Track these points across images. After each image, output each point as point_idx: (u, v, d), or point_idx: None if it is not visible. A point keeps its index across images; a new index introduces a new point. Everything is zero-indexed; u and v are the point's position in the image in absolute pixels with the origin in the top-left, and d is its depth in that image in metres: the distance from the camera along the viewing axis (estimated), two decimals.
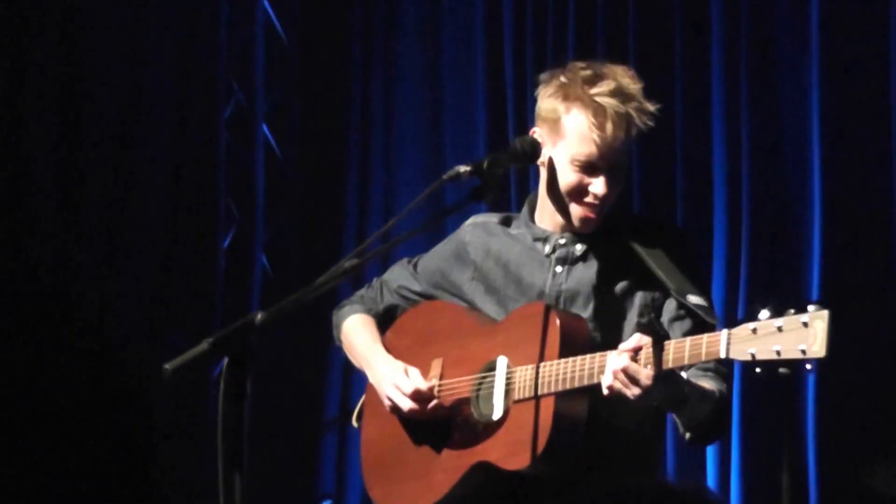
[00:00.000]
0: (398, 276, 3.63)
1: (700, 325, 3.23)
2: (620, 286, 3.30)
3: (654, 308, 3.29)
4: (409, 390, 3.38)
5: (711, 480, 5.04)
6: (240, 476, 2.66)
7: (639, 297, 3.30)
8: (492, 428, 3.28)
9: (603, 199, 3.25)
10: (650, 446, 3.40)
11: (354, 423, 3.68)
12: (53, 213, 6.01)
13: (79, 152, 6.11)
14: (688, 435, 3.20)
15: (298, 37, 6.73)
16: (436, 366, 3.44)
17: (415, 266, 3.61)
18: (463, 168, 2.95)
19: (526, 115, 5.94)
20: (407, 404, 3.38)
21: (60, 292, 5.90)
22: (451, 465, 3.36)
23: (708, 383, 3.22)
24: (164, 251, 6.25)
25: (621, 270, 3.31)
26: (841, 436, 4.83)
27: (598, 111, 3.17)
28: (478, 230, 3.50)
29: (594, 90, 3.17)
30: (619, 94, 3.17)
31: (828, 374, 4.82)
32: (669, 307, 3.29)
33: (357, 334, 3.60)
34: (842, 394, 4.86)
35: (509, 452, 3.22)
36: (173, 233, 6.29)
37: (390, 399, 3.42)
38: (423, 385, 3.38)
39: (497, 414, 3.27)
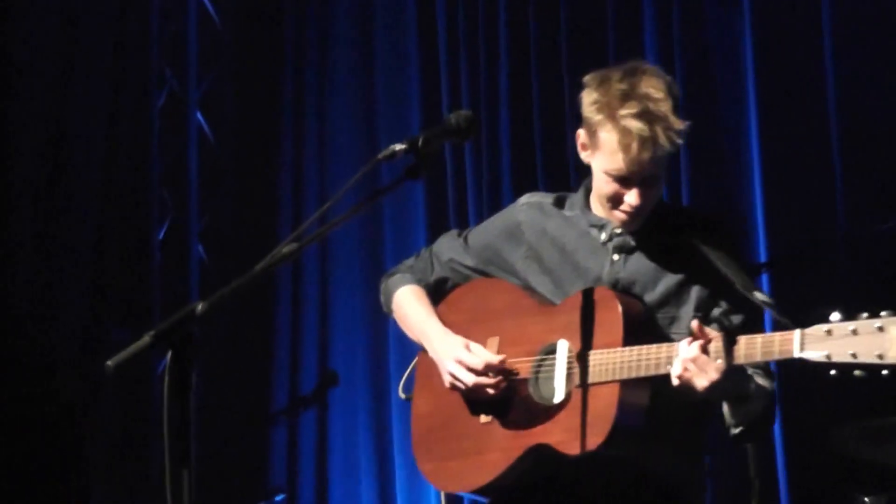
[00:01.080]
0: (449, 248, 3.63)
1: (752, 322, 3.27)
2: (677, 278, 3.32)
3: (711, 302, 3.30)
4: (479, 365, 3.37)
5: None
6: (188, 471, 2.65)
7: (695, 291, 3.31)
8: (552, 411, 3.29)
9: (637, 209, 3.28)
10: (696, 434, 3.42)
11: (402, 395, 3.68)
12: None
13: (7, 144, 6.01)
14: (738, 430, 3.23)
15: (232, 22, 6.69)
16: (492, 344, 3.45)
17: (465, 239, 3.62)
18: (398, 146, 2.88)
19: (460, 94, 5.99)
20: (471, 379, 3.38)
21: None
22: (507, 445, 3.36)
23: (762, 380, 3.26)
24: (98, 245, 6.18)
25: (677, 263, 3.33)
26: (803, 399, 4.91)
27: (625, 133, 3.18)
28: (533, 210, 3.51)
29: (623, 111, 3.18)
30: (646, 115, 3.17)
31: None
32: (723, 302, 3.30)
33: (411, 306, 3.60)
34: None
35: (571, 437, 3.22)
36: (107, 226, 6.21)
37: (452, 375, 3.41)
38: (494, 359, 3.38)
39: (559, 397, 3.29)
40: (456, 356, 3.40)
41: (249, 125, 6.65)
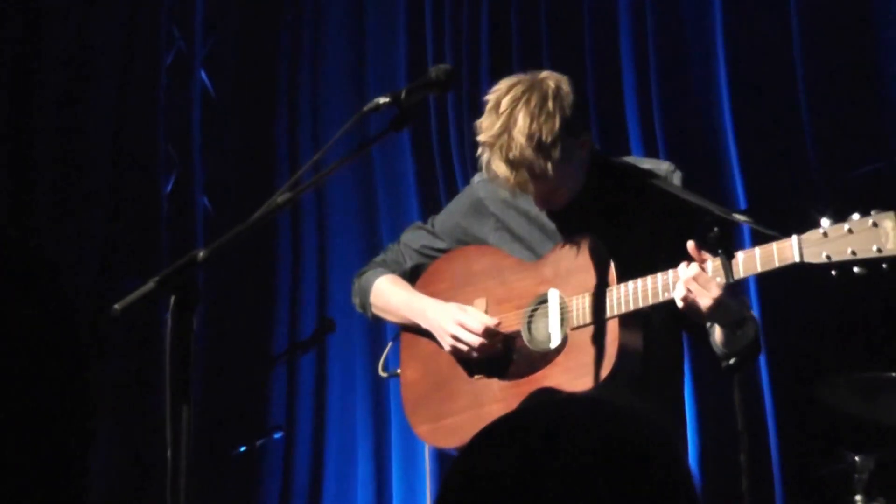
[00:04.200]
0: (417, 237, 3.71)
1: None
2: (647, 219, 3.36)
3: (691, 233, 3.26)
4: (479, 328, 3.44)
5: None
6: (188, 409, 2.68)
7: (672, 226, 3.33)
8: (550, 356, 3.34)
9: (546, 203, 3.38)
10: (676, 384, 3.48)
11: (382, 373, 3.76)
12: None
13: (26, 105, 6.19)
14: (731, 361, 3.23)
15: None
16: (479, 304, 3.52)
17: (432, 225, 3.70)
18: (382, 99, 2.95)
19: (444, 48, 6.15)
20: (476, 341, 3.44)
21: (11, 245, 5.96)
22: (507, 394, 3.40)
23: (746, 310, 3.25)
24: (110, 199, 6.34)
25: (642, 206, 3.37)
26: (787, 349, 4.99)
27: (499, 171, 3.28)
28: (489, 185, 3.54)
29: (494, 157, 3.27)
30: (511, 164, 3.25)
31: (768, 293, 4.99)
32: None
33: (391, 292, 3.65)
34: (783, 306, 5.01)
35: (574, 375, 3.26)
36: (118, 181, 6.37)
37: (455, 337, 3.47)
38: (491, 321, 3.45)
39: (555, 342, 3.34)
40: (456, 319, 3.48)
41: (248, 83, 6.81)
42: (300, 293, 6.58)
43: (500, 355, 3.47)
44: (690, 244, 3.12)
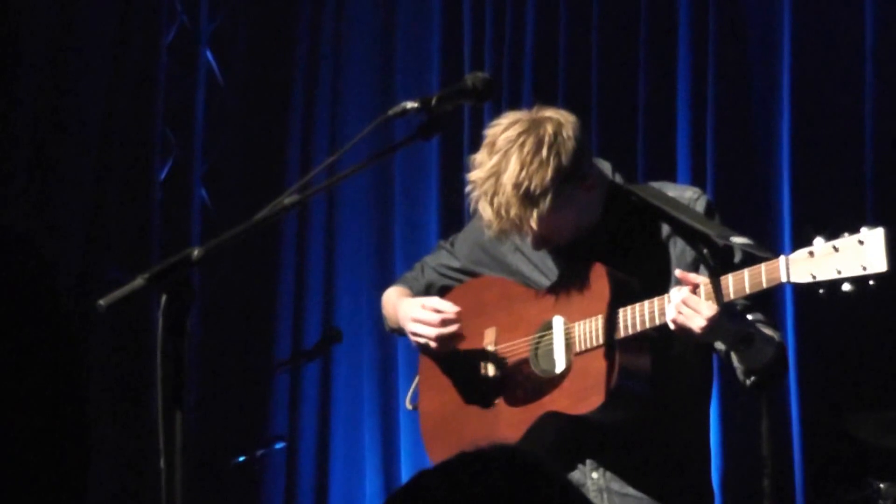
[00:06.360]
0: (437, 255, 3.79)
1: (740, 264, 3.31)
2: (653, 242, 3.44)
3: (694, 263, 3.39)
4: (434, 319, 3.52)
5: None
6: (180, 415, 2.65)
7: (674, 252, 3.42)
8: (556, 381, 3.43)
9: (542, 245, 3.43)
10: (701, 405, 3.54)
11: (408, 406, 3.80)
12: None
13: (11, 74, 5.98)
14: (751, 379, 3.31)
15: None
16: (489, 334, 3.60)
17: (451, 244, 3.77)
18: (410, 104, 2.89)
19: (483, 49, 5.99)
20: (432, 332, 3.52)
21: None
22: (517, 420, 3.49)
23: (767, 329, 3.33)
24: (98, 181, 6.17)
25: (648, 230, 3.45)
26: (819, 381, 5.06)
27: (484, 214, 3.34)
28: None
29: (481, 197, 3.32)
30: (494, 209, 3.30)
31: (804, 324, 5.08)
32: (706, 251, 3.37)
33: (391, 302, 3.74)
34: (819, 338, 5.09)
35: (577, 399, 3.37)
36: (107, 161, 6.19)
37: (413, 333, 3.57)
38: (447, 307, 3.53)
39: (560, 367, 3.42)
40: (412, 316, 3.56)
41: (261, 68, 6.63)
42: (304, 299, 6.52)
43: (509, 383, 3.56)
44: (678, 272, 3.23)
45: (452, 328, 3.53)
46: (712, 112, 5.42)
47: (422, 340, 3.56)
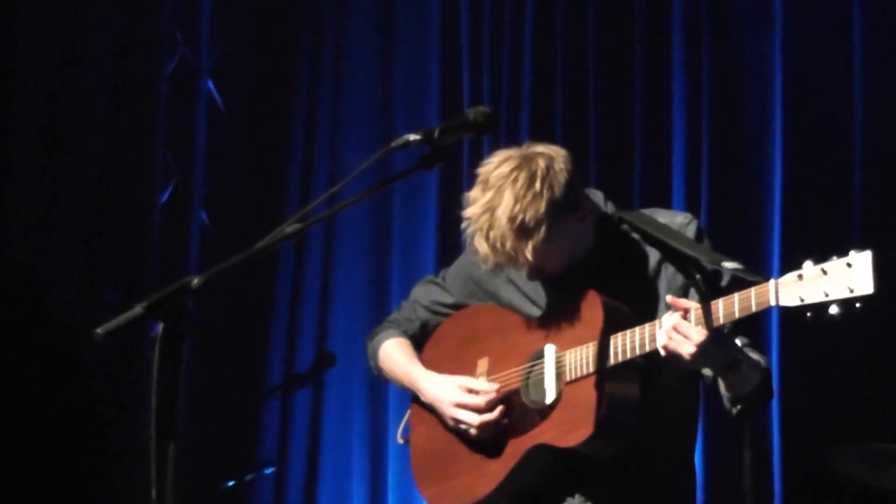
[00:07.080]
0: (427, 292, 3.79)
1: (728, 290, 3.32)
2: (644, 268, 3.45)
3: (685, 288, 3.40)
4: (482, 403, 3.51)
5: None
6: (173, 442, 2.66)
7: (665, 277, 3.43)
8: (545, 411, 3.42)
9: (537, 275, 3.44)
10: (687, 438, 3.56)
11: (400, 440, 3.80)
12: None
13: (10, 99, 6.04)
14: (737, 408, 3.30)
15: None
16: (482, 364, 3.60)
17: (442, 279, 3.77)
18: (412, 136, 2.93)
19: (481, 82, 6.01)
20: (477, 419, 3.52)
21: None
22: (507, 453, 3.48)
23: (753, 353, 3.33)
24: (98, 203, 6.20)
25: (639, 256, 3.46)
26: (802, 415, 5.07)
27: (480, 249, 3.36)
28: None
29: (476, 232, 3.34)
30: (490, 243, 3.33)
31: (788, 351, 5.09)
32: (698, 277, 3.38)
33: (395, 359, 3.75)
34: (802, 370, 5.09)
35: (566, 430, 3.35)
36: (107, 184, 6.23)
37: (456, 420, 3.55)
38: (491, 390, 3.52)
39: (550, 397, 3.41)
40: (454, 401, 3.55)
41: (262, 97, 6.67)
42: (299, 323, 6.53)
43: (502, 413, 3.54)
44: (669, 298, 3.23)
45: (497, 412, 3.50)
46: (707, 141, 5.47)
47: (463, 427, 3.54)
